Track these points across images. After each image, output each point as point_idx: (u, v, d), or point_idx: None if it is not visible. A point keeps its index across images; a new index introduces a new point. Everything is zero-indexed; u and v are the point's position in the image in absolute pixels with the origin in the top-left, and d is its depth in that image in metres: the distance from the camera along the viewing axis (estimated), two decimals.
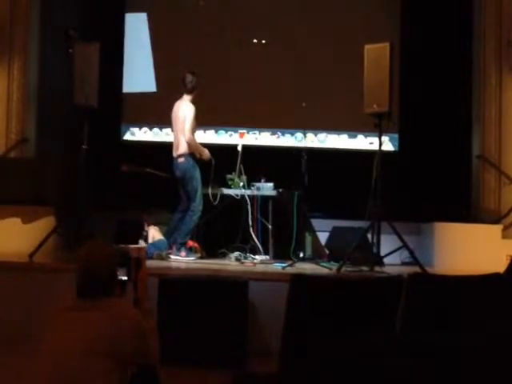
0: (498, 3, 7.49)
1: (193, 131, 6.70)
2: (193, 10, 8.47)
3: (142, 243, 6.92)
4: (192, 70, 6.86)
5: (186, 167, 6.66)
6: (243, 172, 7.01)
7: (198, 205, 6.63)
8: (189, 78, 6.74)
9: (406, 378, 2.57)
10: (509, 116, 7.46)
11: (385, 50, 6.17)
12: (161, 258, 6.53)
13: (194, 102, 6.75)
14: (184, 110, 6.68)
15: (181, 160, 6.68)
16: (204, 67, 8.12)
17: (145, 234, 6.95)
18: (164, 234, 6.88)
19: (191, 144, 6.67)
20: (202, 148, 6.83)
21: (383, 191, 6.06)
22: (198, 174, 6.68)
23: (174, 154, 6.74)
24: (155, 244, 6.76)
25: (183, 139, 6.65)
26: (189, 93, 6.74)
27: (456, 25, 8.04)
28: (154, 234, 6.93)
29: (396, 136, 8.18)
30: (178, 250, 6.62)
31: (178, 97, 6.83)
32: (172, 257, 6.60)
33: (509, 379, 2.57)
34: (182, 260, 6.57)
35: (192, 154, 6.71)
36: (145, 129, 8.40)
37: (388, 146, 8.06)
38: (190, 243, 6.78)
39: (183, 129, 6.63)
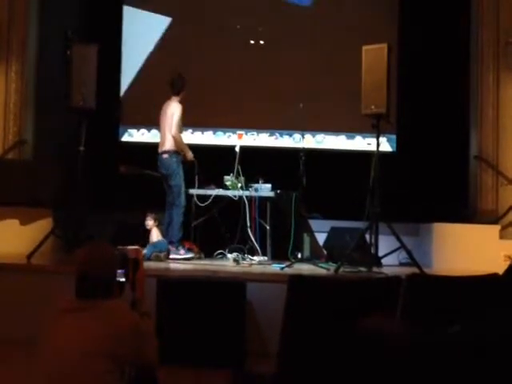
0: (495, 5, 7.50)
1: (179, 129, 6.77)
2: (191, 11, 8.48)
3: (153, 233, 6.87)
4: (179, 72, 6.95)
5: (169, 163, 6.75)
6: (241, 173, 7.02)
7: (182, 200, 6.74)
8: (175, 80, 6.88)
9: (405, 378, 2.58)
10: (506, 116, 7.47)
11: (383, 50, 6.18)
12: (159, 259, 6.52)
13: (186, 101, 6.85)
14: (172, 107, 6.78)
15: (165, 156, 6.77)
16: (202, 69, 8.15)
17: (147, 226, 6.91)
18: (163, 235, 6.89)
19: (177, 139, 6.74)
20: (187, 148, 6.89)
21: (381, 192, 6.07)
22: (181, 171, 6.77)
23: (159, 151, 6.83)
24: (155, 245, 6.74)
25: (169, 136, 6.74)
26: (176, 94, 6.86)
27: (454, 26, 8.04)
28: (157, 234, 6.89)
29: (394, 137, 8.18)
30: (177, 248, 6.65)
31: None
32: (171, 256, 6.61)
33: (508, 380, 2.58)
34: (181, 258, 6.59)
35: (177, 152, 6.77)
36: (143, 130, 8.40)
37: (386, 146, 8.05)
38: (188, 245, 6.79)
39: (170, 125, 6.72)
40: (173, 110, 6.76)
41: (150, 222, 6.91)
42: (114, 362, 2.54)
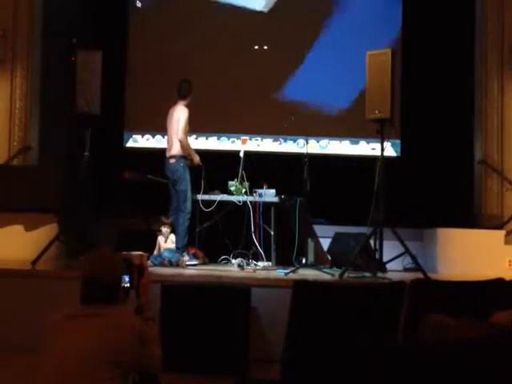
0: (499, 11, 7.52)
1: (186, 133, 6.77)
2: (195, 17, 8.50)
3: (161, 240, 6.82)
4: (186, 77, 6.99)
5: (176, 168, 6.75)
6: (245, 178, 7.02)
7: (188, 206, 6.72)
8: (182, 85, 6.90)
9: None
10: (511, 121, 7.47)
11: (386, 56, 6.18)
12: (176, 265, 6.51)
13: (190, 107, 6.86)
14: (178, 112, 6.79)
15: (172, 161, 6.77)
16: (206, 74, 8.16)
17: (164, 232, 6.86)
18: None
19: (183, 143, 6.74)
20: (194, 152, 6.90)
21: (385, 197, 6.06)
22: (188, 176, 6.76)
23: (167, 155, 6.84)
24: (169, 251, 6.71)
25: (176, 140, 6.74)
26: (182, 99, 6.88)
27: (458, 30, 8.04)
28: (168, 241, 6.86)
29: (398, 142, 8.17)
30: (181, 255, 6.65)
31: None
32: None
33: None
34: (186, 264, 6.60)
35: (184, 157, 6.77)
36: (147, 136, 8.40)
37: (390, 151, 8.02)
38: (193, 250, 6.79)
39: (177, 129, 6.72)
40: (179, 115, 6.77)
41: (166, 230, 6.84)
42: (117, 368, 2.54)
